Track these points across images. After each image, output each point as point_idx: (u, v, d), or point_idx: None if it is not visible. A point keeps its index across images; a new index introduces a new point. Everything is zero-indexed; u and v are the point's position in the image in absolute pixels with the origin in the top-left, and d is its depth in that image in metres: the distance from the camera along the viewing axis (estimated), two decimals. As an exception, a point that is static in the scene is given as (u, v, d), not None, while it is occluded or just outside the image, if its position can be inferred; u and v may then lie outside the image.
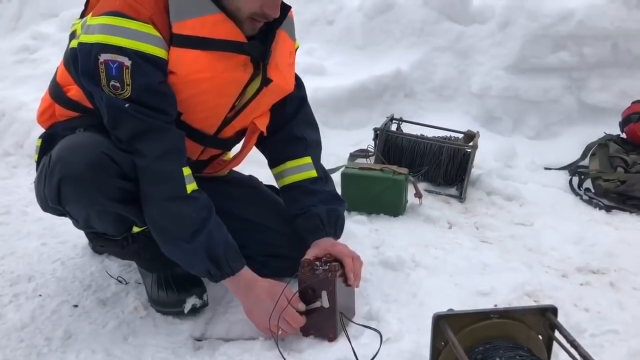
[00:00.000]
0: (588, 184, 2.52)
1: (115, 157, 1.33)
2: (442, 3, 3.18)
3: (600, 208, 2.31)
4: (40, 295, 1.64)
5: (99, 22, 1.28)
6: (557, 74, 3.00)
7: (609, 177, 2.42)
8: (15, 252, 1.90)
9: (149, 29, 1.28)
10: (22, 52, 4.06)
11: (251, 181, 1.81)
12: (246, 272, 1.41)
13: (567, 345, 1.08)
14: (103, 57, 1.27)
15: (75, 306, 1.59)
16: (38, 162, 1.53)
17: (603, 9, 2.88)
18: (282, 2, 1.40)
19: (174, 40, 1.31)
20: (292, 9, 1.51)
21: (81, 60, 1.31)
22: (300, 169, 1.64)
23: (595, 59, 2.94)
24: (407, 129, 2.68)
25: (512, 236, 2.05)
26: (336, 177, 2.24)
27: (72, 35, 1.44)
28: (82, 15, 1.48)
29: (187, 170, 1.39)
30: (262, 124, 1.59)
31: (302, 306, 1.39)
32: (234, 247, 1.41)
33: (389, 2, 3.29)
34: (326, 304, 1.38)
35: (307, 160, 1.64)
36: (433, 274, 1.74)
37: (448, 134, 2.66)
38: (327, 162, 1.88)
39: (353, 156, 2.61)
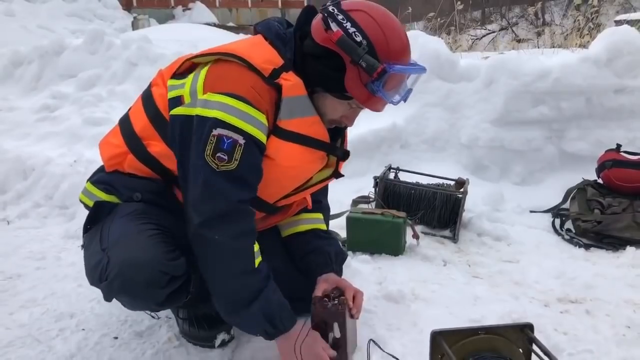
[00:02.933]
0: (569, 224, 2.66)
1: (170, 270, 1.41)
2: (433, 64, 3.34)
3: (580, 246, 2.47)
4: (83, 329, 1.81)
5: (220, 100, 1.38)
6: (538, 126, 3.15)
7: (587, 218, 2.58)
8: (55, 293, 2.07)
9: (263, 118, 1.40)
10: (43, 111, 4.21)
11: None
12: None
13: (544, 356, 1.30)
14: (218, 131, 1.36)
15: (116, 338, 1.75)
16: (90, 217, 1.57)
17: (576, 68, 3.08)
18: None
19: (277, 132, 1.44)
20: None
21: (195, 129, 1.40)
22: (314, 221, 1.82)
23: (572, 112, 3.10)
24: (403, 177, 2.82)
25: (500, 272, 2.22)
26: (341, 221, 2.44)
27: (178, 101, 1.47)
28: (176, 75, 1.55)
29: (257, 246, 1.47)
30: (310, 200, 1.79)
31: (332, 353, 1.51)
32: (287, 307, 1.49)
33: (384, 63, 3.51)
34: (338, 334, 1.54)
35: (320, 216, 1.84)
36: (431, 306, 1.93)
37: (441, 181, 2.80)
38: (332, 208, 2.01)
39: (355, 202, 2.77)
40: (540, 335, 1.52)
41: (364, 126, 3.20)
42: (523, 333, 1.34)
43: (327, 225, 1.89)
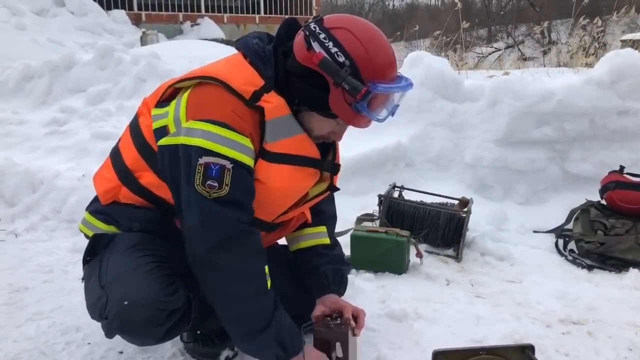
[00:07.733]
0: (572, 245, 2.66)
1: (168, 306, 1.41)
2: (437, 83, 3.37)
3: (583, 267, 2.48)
4: (89, 343, 1.83)
5: (203, 128, 1.36)
6: (542, 147, 3.15)
7: (590, 239, 2.58)
8: (62, 306, 2.09)
9: (247, 142, 1.39)
10: (53, 125, 4.23)
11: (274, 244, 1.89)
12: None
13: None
14: (204, 159, 1.35)
15: (121, 352, 1.77)
16: (88, 249, 1.59)
17: (580, 90, 3.09)
18: None
19: (264, 155, 1.44)
20: None
21: (182, 159, 1.39)
22: (316, 236, 1.79)
23: (575, 133, 3.11)
24: (407, 195, 2.84)
25: (503, 292, 2.23)
26: (345, 239, 2.44)
27: (164, 131, 1.47)
28: (160, 102, 1.54)
29: (267, 268, 1.46)
30: (309, 215, 1.79)
31: None
32: (296, 329, 1.49)
33: (390, 83, 3.54)
34: (340, 354, 1.55)
35: (322, 229, 1.81)
36: (433, 325, 1.94)
37: (445, 200, 2.79)
38: (336, 225, 1.99)
39: (360, 220, 2.79)
40: (541, 356, 1.54)
41: (369, 144, 3.22)
42: (524, 354, 1.36)
43: (333, 233, 1.86)
